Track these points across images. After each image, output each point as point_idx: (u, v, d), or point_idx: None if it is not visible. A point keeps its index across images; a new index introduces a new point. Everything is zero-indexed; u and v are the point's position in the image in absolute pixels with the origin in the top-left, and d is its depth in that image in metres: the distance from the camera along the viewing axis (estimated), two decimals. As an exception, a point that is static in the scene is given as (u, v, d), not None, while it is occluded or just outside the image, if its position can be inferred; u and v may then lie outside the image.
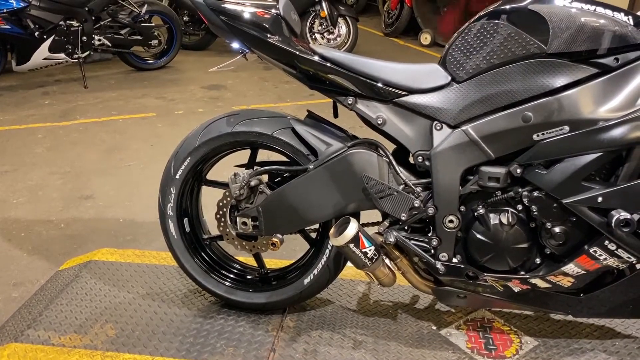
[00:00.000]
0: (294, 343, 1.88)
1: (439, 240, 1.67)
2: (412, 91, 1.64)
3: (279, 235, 1.88)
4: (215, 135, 1.84)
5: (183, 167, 1.89)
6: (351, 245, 1.64)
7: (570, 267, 1.59)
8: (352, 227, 1.64)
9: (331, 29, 6.56)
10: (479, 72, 1.57)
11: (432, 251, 1.69)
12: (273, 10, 1.74)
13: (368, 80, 1.66)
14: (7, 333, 1.96)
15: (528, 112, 1.52)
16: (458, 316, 2.00)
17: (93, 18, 5.25)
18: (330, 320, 1.99)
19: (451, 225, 1.65)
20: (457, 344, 1.86)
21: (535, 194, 1.56)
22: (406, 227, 1.71)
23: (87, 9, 5.15)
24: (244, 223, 1.86)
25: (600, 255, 1.55)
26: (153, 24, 5.80)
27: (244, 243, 1.94)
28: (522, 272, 1.66)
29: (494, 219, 1.62)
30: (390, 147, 1.74)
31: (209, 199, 2.07)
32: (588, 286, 1.66)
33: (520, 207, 1.61)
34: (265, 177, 1.89)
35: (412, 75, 1.65)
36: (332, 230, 1.70)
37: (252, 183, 1.83)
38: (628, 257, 1.53)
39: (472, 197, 1.65)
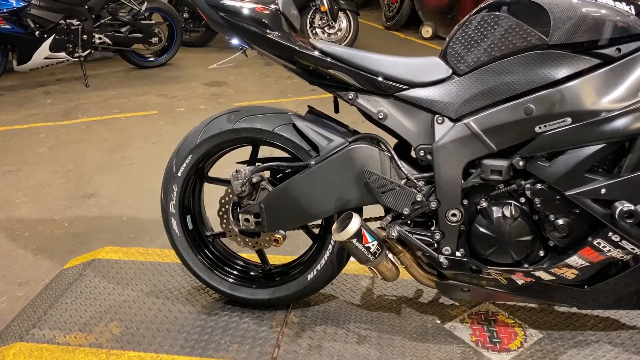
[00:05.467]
0: (298, 339, 1.88)
1: (442, 234, 1.67)
2: (413, 85, 1.64)
3: (281, 232, 1.87)
4: (216, 133, 1.84)
5: (185, 164, 1.89)
6: (354, 241, 1.64)
7: (574, 259, 1.58)
8: (355, 223, 1.64)
9: (332, 23, 6.53)
10: (480, 64, 1.57)
11: (435, 245, 1.69)
12: (272, 6, 1.73)
13: (368, 75, 1.65)
14: (12, 332, 1.97)
15: (530, 104, 1.51)
16: (462, 310, 2.00)
17: (93, 16, 5.25)
18: (334, 315, 1.99)
19: (454, 218, 1.64)
20: (461, 338, 1.86)
21: (538, 186, 1.56)
22: (409, 222, 1.70)
23: (87, 7, 5.15)
24: (247, 220, 1.86)
25: (604, 247, 1.54)
26: (153, 22, 5.80)
27: (247, 239, 1.94)
28: (526, 265, 1.66)
29: (496, 212, 1.62)
30: (392, 141, 1.74)
31: (211, 196, 2.07)
32: (592, 278, 1.66)
33: (523, 199, 1.61)
34: (267, 174, 1.89)
35: (412, 69, 1.64)
36: (334, 226, 1.70)
37: (254, 180, 1.83)
38: (632, 249, 1.53)
39: (475, 190, 1.64)
